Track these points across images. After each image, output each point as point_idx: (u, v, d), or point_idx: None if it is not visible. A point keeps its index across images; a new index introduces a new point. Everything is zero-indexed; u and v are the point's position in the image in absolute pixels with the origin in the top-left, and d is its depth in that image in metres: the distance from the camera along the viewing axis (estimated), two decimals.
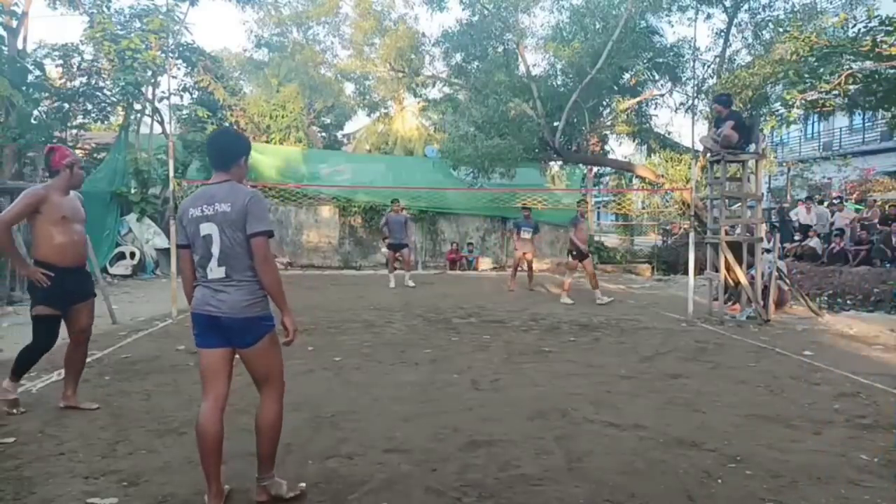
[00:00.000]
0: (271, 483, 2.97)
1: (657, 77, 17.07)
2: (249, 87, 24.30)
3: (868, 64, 8.77)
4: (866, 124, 23.59)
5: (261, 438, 2.97)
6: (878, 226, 12.36)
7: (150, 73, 14.43)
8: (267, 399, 3.00)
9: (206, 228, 2.84)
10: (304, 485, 3.09)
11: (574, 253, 10.76)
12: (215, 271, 2.85)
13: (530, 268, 12.41)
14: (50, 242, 4.13)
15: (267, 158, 18.61)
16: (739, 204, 9.38)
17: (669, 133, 18.04)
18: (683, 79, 16.40)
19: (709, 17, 15.39)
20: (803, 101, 9.19)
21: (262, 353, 2.94)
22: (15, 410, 4.21)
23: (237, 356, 2.99)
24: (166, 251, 11.97)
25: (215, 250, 2.83)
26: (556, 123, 15.53)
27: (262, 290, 2.90)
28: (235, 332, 2.89)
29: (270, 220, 3.00)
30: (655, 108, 18.63)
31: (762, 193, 10.38)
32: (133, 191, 14.58)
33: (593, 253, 19.22)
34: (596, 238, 21.13)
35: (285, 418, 4.23)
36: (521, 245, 12.23)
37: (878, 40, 8.17)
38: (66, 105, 14.94)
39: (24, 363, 4.35)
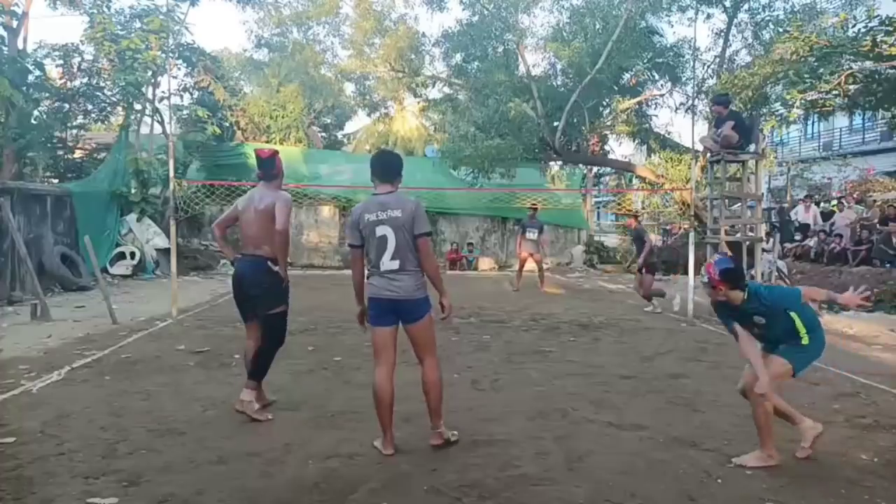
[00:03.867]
0: (442, 430, 3.69)
1: (657, 77, 17.08)
2: (249, 87, 24.32)
3: (868, 64, 8.77)
4: (866, 124, 23.56)
5: (429, 396, 3.66)
6: (878, 226, 12.35)
7: (150, 73, 14.43)
8: (428, 366, 3.68)
9: (381, 230, 3.50)
10: (457, 433, 3.76)
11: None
12: (388, 264, 3.51)
13: (540, 269, 12.10)
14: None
15: None
16: (739, 204, 9.38)
17: (669, 133, 18.06)
18: (683, 79, 16.42)
19: (709, 17, 15.40)
20: (803, 101, 9.17)
21: (425, 327, 3.63)
22: (268, 416, 4.26)
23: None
24: (166, 251, 11.96)
25: (390, 247, 3.49)
26: (556, 123, 15.53)
27: (424, 278, 3.62)
28: (407, 311, 3.57)
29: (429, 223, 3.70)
30: (655, 108, 18.66)
31: (762, 193, 10.39)
32: (133, 191, 14.58)
33: (593, 253, 19.29)
34: (596, 238, 21.15)
35: (285, 418, 4.27)
36: (526, 246, 11.95)
37: (878, 40, 8.16)
38: (67, 105, 14.94)
39: (267, 364, 4.41)
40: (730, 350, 6.72)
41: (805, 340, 3.59)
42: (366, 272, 3.65)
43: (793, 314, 3.57)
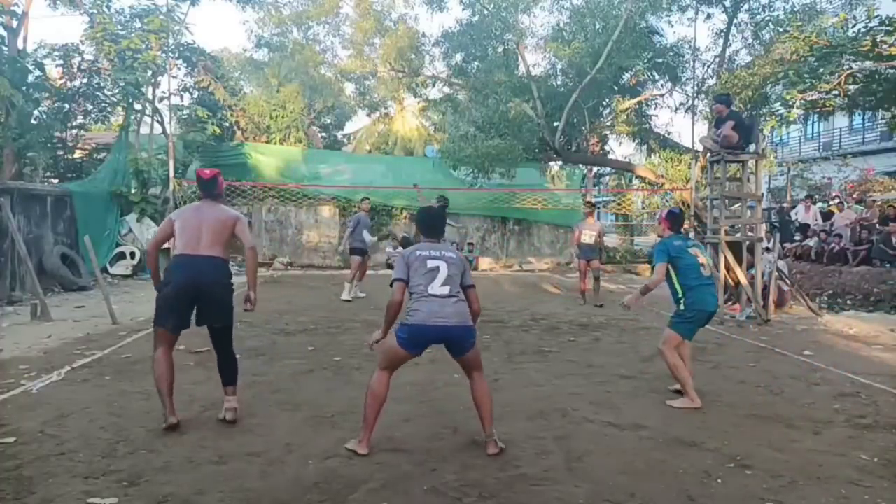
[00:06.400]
0: (496, 438, 3.69)
1: (657, 77, 17.09)
2: (249, 87, 24.29)
3: (868, 64, 8.78)
4: (866, 124, 23.56)
5: (484, 407, 3.71)
6: (877, 226, 12.35)
7: (150, 73, 14.43)
8: (479, 381, 3.75)
9: (434, 263, 3.62)
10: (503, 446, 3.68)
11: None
12: (439, 289, 3.56)
13: (596, 278, 10.32)
14: None
15: (267, 158, 18.62)
16: (739, 204, 9.38)
17: (669, 133, 18.07)
18: (683, 79, 16.43)
19: (709, 17, 15.42)
20: (803, 101, 9.20)
21: (476, 352, 3.74)
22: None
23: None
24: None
25: (441, 276, 3.58)
26: (556, 123, 15.54)
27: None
28: (458, 339, 3.61)
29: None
30: (655, 108, 18.68)
31: (762, 193, 10.39)
32: (133, 191, 14.58)
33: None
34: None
35: (285, 418, 4.27)
36: (585, 251, 10.22)
37: (878, 40, 8.18)
38: (67, 105, 14.94)
39: (236, 366, 4.37)
40: (730, 350, 6.73)
41: (681, 306, 4.81)
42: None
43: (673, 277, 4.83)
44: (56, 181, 15.22)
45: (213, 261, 4.10)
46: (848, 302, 10.52)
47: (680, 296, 4.82)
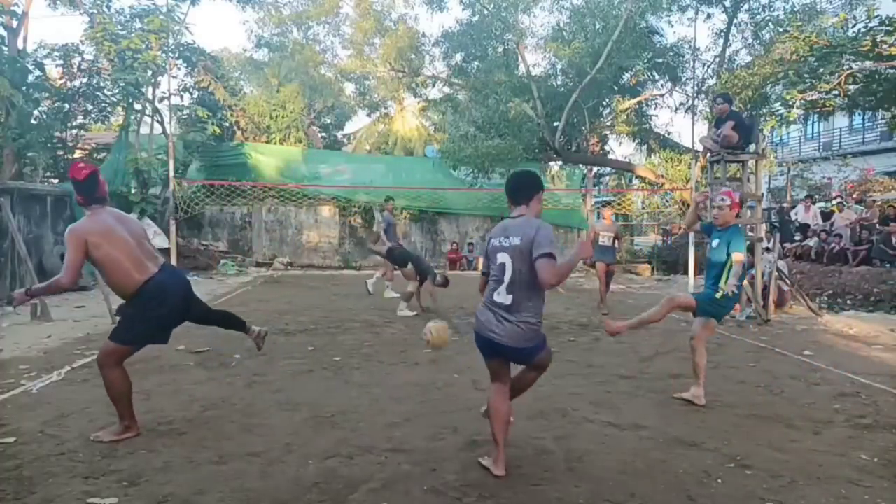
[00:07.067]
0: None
1: (657, 77, 17.11)
2: (249, 87, 24.32)
3: (868, 64, 8.78)
4: (866, 124, 23.57)
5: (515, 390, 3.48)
6: (877, 226, 12.36)
7: (150, 73, 14.43)
8: (506, 392, 3.39)
9: (502, 258, 3.19)
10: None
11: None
12: (501, 297, 3.19)
13: (607, 283, 9.81)
14: None
15: (267, 158, 18.63)
16: None
17: (669, 133, 18.09)
18: (683, 79, 16.44)
19: (709, 17, 15.43)
20: (803, 101, 9.20)
21: (535, 368, 3.42)
22: None
23: None
24: (166, 251, 11.95)
25: (506, 279, 3.17)
26: (556, 123, 15.54)
27: (538, 326, 3.23)
28: (511, 356, 3.28)
29: (555, 244, 3.17)
30: (655, 108, 18.69)
31: (762, 193, 10.38)
32: (133, 191, 14.59)
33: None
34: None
35: (285, 418, 4.27)
36: (602, 253, 9.66)
37: (878, 40, 8.18)
38: (67, 105, 14.93)
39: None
40: (730, 350, 6.73)
41: (720, 294, 4.55)
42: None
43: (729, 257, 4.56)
44: (56, 181, 15.20)
45: (175, 270, 4.20)
46: (848, 302, 10.52)
47: (723, 284, 4.55)
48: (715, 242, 4.73)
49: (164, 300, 3.78)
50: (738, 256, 4.50)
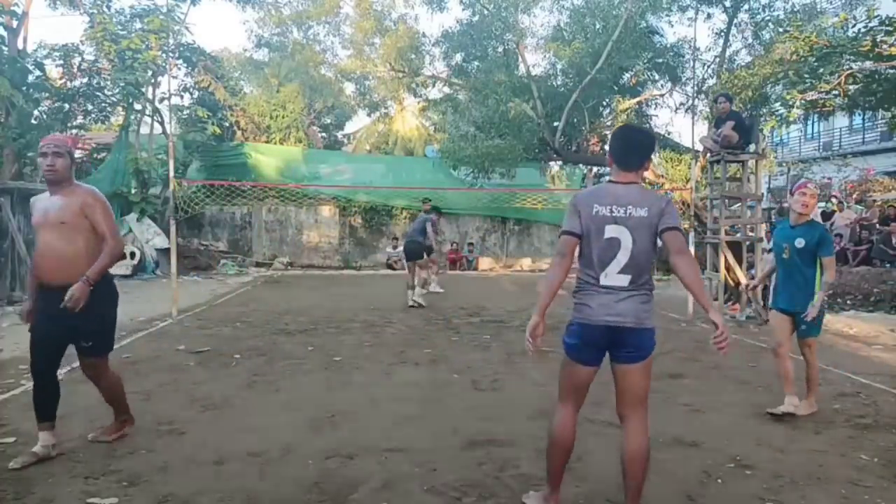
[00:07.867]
0: None
1: (657, 77, 17.09)
2: (249, 87, 24.31)
3: (868, 64, 8.77)
4: (866, 124, 23.56)
5: (633, 469, 2.76)
6: (877, 226, 12.36)
7: (150, 73, 14.44)
8: (638, 423, 2.82)
9: (614, 231, 2.63)
10: None
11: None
12: (615, 278, 2.65)
13: None
14: None
15: (267, 158, 18.63)
16: (739, 204, 9.38)
17: (669, 133, 18.05)
18: (683, 79, 16.42)
19: (709, 17, 15.40)
20: (803, 101, 9.19)
21: (646, 368, 2.76)
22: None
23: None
24: (166, 251, 11.97)
25: (622, 257, 2.64)
26: (556, 123, 15.53)
27: (653, 303, 2.74)
28: (629, 344, 2.68)
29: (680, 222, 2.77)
30: (655, 108, 18.66)
31: (762, 193, 10.39)
32: (133, 191, 14.60)
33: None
34: None
35: (285, 417, 4.26)
36: None
37: (878, 40, 8.17)
38: (67, 105, 14.94)
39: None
40: (730, 350, 6.72)
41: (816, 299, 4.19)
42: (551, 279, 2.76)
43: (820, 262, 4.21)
44: None
45: None
46: (848, 302, 10.51)
47: (817, 288, 4.23)
48: (800, 242, 4.24)
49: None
50: (831, 261, 4.14)
